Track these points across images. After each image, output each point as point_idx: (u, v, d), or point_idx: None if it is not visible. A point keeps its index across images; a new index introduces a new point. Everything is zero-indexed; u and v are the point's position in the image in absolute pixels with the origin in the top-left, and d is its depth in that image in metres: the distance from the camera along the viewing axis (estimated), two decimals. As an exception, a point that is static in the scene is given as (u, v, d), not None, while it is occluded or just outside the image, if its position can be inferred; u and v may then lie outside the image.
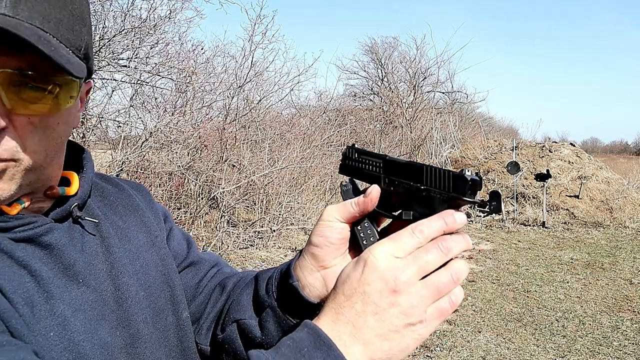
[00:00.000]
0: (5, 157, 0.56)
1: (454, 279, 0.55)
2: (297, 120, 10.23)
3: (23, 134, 0.57)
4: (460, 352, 4.42)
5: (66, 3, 0.58)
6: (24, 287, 0.57)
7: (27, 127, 0.57)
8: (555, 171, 11.66)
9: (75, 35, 0.59)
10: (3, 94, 0.54)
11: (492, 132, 22.30)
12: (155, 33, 6.41)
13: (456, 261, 0.57)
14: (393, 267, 0.54)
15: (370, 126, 14.85)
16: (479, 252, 8.30)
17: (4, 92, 0.54)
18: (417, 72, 18.38)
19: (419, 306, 0.54)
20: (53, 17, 0.56)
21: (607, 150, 62.10)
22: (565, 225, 10.28)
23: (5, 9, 0.52)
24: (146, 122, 6.64)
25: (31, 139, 0.58)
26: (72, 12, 0.59)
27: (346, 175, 0.75)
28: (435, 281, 0.55)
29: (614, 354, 4.40)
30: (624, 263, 7.51)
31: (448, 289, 0.55)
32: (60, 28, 0.57)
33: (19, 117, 0.56)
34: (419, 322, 0.54)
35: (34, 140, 0.58)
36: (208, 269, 0.91)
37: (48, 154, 0.61)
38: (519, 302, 5.79)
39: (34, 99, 0.57)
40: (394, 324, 0.53)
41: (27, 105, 0.56)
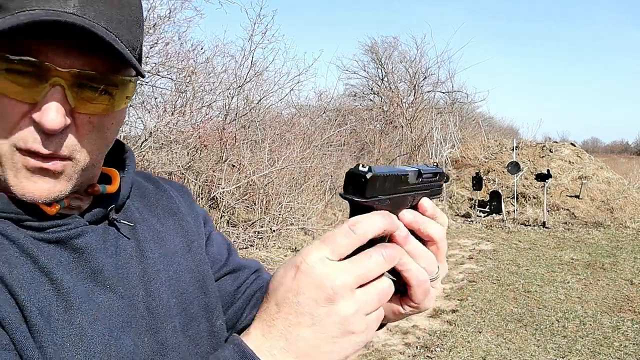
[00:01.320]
0: (66, 154, 0.57)
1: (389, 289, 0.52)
2: (297, 120, 10.22)
3: (82, 133, 0.59)
4: (461, 353, 4.41)
5: (125, 5, 0.60)
6: (41, 295, 0.57)
7: (87, 127, 0.59)
8: (555, 171, 11.65)
9: (132, 37, 0.61)
10: (68, 93, 0.56)
11: (493, 132, 22.29)
12: (155, 32, 6.40)
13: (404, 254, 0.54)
14: (328, 272, 0.48)
15: (370, 126, 14.85)
16: (479, 253, 8.29)
17: (69, 91, 0.56)
18: (417, 72, 18.37)
19: (358, 315, 0.49)
20: (115, 18, 0.58)
21: (607, 150, 62.11)
22: (565, 226, 10.27)
23: (74, 9, 0.54)
24: (146, 122, 6.63)
25: (89, 138, 0.60)
26: (130, 13, 0.61)
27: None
28: (378, 288, 0.50)
29: (614, 354, 4.39)
30: (625, 263, 7.50)
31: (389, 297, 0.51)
32: (121, 29, 0.58)
33: (80, 115, 0.58)
34: (360, 332, 0.50)
35: (90, 140, 0.60)
36: (248, 275, 0.89)
37: (100, 154, 0.63)
38: (520, 302, 5.78)
39: (94, 99, 0.58)
40: (331, 334, 0.49)
41: (88, 105, 0.58)
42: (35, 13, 0.52)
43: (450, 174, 12.80)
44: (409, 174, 0.60)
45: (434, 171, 0.67)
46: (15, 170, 0.57)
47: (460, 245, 8.87)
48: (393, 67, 19.66)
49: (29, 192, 0.58)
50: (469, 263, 7.67)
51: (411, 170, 0.61)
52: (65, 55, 0.55)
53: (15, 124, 0.56)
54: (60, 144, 0.57)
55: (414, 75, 18.42)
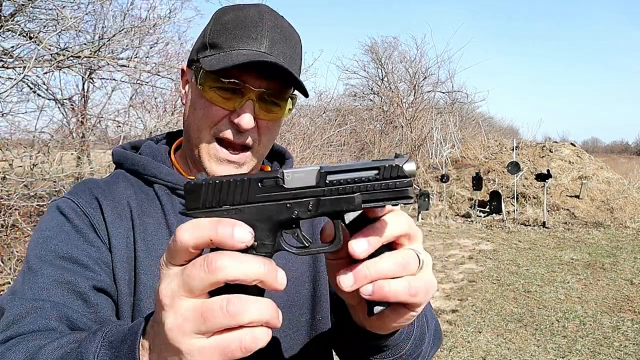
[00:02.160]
0: (250, 144, 0.87)
1: (227, 312, 0.44)
2: (297, 120, 10.21)
3: (261, 133, 0.87)
4: (461, 353, 4.41)
5: (292, 44, 0.88)
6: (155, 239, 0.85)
7: (264, 129, 0.87)
8: (555, 171, 11.65)
9: (297, 67, 0.90)
10: (256, 106, 0.84)
11: (493, 132, 22.29)
12: (155, 32, 6.40)
13: (243, 297, 0.45)
14: (162, 278, 0.48)
15: (370, 126, 14.84)
16: (479, 253, 8.29)
17: (256, 104, 0.84)
18: (417, 72, 18.36)
19: (179, 330, 0.45)
20: (289, 54, 0.86)
21: (607, 150, 62.10)
22: (565, 226, 10.26)
23: (266, 49, 0.83)
24: (146, 122, 6.63)
25: (264, 137, 0.88)
26: (295, 51, 0.89)
27: None
28: (203, 305, 0.45)
29: (614, 354, 4.38)
30: (625, 263, 7.50)
31: (216, 321, 0.44)
32: (292, 63, 0.87)
33: (260, 121, 0.86)
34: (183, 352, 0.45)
35: (265, 138, 0.89)
36: None
37: (268, 149, 0.93)
38: (520, 302, 5.77)
39: (270, 110, 0.86)
40: (160, 346, 0.48)
41: (266, 114, 0.86)
42: (247, 54, 0.81)
43: (450, 174, 12.79)
44: (284, 177, 0.49)
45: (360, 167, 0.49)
46: (208, 157, 0.87)
47: (460, 245, 8.87)
48: (393, 67, 19.66)
49: (216, 173, 0.86)
50: (469, 263, 7.66)
51: (294, 172, 0.49)
52: (255, 79, 0.83)
53: (217, 122, 0.85)
54: (246, 138, 0.86)
55: (414, 75, 18.41)
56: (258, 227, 0.49)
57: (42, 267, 0.77)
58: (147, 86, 6.61)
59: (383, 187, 0.48)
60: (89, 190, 0.88)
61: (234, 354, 0.45)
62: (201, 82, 0.84)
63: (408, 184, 0.48)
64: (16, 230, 5.10)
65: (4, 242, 4.98)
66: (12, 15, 4.96)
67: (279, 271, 0.47)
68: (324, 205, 0.49)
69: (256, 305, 0.45)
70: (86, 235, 0.83)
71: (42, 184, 4.91)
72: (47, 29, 5.24)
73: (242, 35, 0.83)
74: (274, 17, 0.87)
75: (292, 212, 0.49)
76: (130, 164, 0.93)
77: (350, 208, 0.49)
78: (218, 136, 0.85)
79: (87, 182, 0.91)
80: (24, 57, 5.23)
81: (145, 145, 0.98)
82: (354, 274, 0.50)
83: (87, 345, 0.55)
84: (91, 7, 5.50)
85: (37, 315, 0.70)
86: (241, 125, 0.82)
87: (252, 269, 0.45)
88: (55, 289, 0.75)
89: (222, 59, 0.81)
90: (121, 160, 0.95)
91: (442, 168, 13.08)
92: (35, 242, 0.81)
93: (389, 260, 0.50)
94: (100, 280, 0.79)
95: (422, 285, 0.52)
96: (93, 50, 5.57)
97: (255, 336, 0.45)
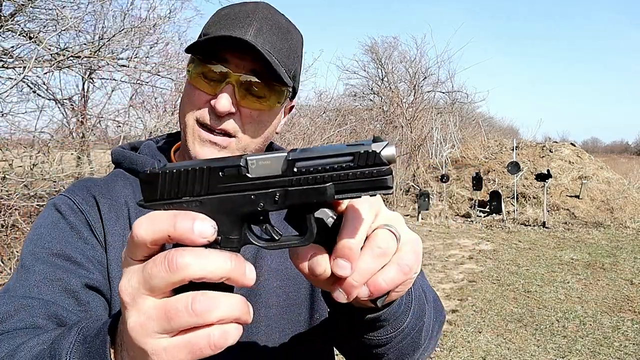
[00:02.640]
0: (231, 132, 0.85)
1: (192, 311, 0.41)
2: (297, 120, 10.21)
3: (245, 121, 0.86)
4: (461, 353, 4.41)
5: (286, 39, 0.87)
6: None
7: (248, 117, 0.86)
8: (555, 171, 11.65)
9: (288, 61, 0.87)
10: (236, 91, 0.82)
11: (493, 132, 22.29)
12: (155, 32, 6.41)
13: (209, 294, 0.42)
14: (123, 274, 0.45)
15: (370, 126, 14.84)
16: (479, 253, 8.29)
17: (237, 89, 0.82)
18: (417, 72, 18.36)
19: (142, 329, 0.43)
20: (277, 46, 0.84)
21: (607, 150, 62.12)
22: (565, 226, 10.26)
23: (250, 36, 0.81)
24: (146, 122, 6.63)
25: (249, 126, 0.86)
26: (290, 46, 0.87)
27: None
28: (167, 304, 0.42)
29: (614, 354, 4.38)
30: (625, 263, 7.50)
31: (182, 320, 0.42)
32: (281, 54, 0.84)
33: (243, 108, 0.85)
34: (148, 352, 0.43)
35: (251, 128, 0.87)
36: None
37: (257, 143, 0.89)
38: (520, 302, 5.77)
39: (254, 98, 0.84)
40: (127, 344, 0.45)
41: (249, 102, 0.84)
42: (222, 36, 0.80)
43: (450, 174, 12.79)
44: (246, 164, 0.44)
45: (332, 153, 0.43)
46: (193, 139, 0.86)
47: (460, 245, 8.87)
48: (393, 67, 19.66)
49: (199, 155, 0.85)
50: (469, 263, 7.66)
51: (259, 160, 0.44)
52: (237, 65, 0.82)
53: (200, 107, 0.85)
54: (223, 123, 0.84)
55: (414, 75, 18.41)
56: (221, 220, 0.44)
57: (35, 265, 0.77)
58: (147, 86, 6.62)
59: (358, 176, 0.42)
60: (87, 188, 0.89)
61: (203, 352, 0.42)
62: (189, 70, 0.87)
63: (387, 171, 0.42)
64: (16, 230, 5.10)
65: (4, 242, 4.98)
66: (12, 15, 4.96)
67: (247, 266, 0.44)
68: (292, 196, 0.44)
69: (224, 302, 0.42)
70: (81, 233, 0.83)
71: (42, 184, 4.91)
72: (47, 29, 5.24)
73: (230, 24, 0.84)
74: (269, 12, 0.87)
75: (257, 204, 0.44)
76: (129, 163, 0.94)
77: (322, 199, 0.43)
78: (199, 120, 0.86)
79: (85, 181, 0.92)
80: (24, 57, 5.23)
81: (144, 145, 0.99)
82: (343, 289, 0.48)
83: (61, 341, 0.54)
84: (91, 7, 5.50)
85: (25, 313, 0.70)
86: (216, 108, 0.82)
87: (217, 267, 0.42)
88: (46, 286, 0.75)
89: (201, 42, 0.82)
90: (120, 159, 0.96)
91: (442, 168, 13.07)
92: (29, 239, 0.82)
93: (369, 257, 0.47)
94: (93, 278, 0.79)
95: (410, 257, 0.50)
96: (93, 50, 5.57)
97: (224, 332, 0.42)
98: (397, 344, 0.66)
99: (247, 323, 0.45)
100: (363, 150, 0.42)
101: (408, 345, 0.68)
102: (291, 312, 0.88)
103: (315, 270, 0.47)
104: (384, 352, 0.67)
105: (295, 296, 0.89)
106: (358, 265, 0.46)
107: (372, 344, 0.65)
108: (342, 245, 0.46)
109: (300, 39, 0.92)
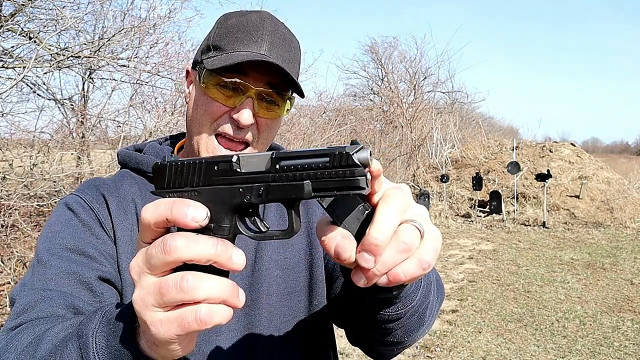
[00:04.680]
0: (249, 140, 0.91)
1: (179, 288, 0.46)
2: (297, 120, 10.21)
3: (260, 130, 0.92)
4: (461, 353, 4.41)
5: (291, 49, 0.93)
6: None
7: (263, 126, 0.92)
8: (555, 171, 11.65)
9: (295, 70, 0.93)
10: (255, 103, 0.89)
11: (493, 132, 22.29)
12: (155, 32, 6.40)
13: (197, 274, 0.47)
14: (136, 254, 0.51)
15: (370, 126, 14.83)
16: (479, 253, 8.29)
17: (256, 102, 0.89)
18: (417, 72, 18.36)
19: (142, 302, 0.49)
20: (287, 57, 0.91)
21: (607, 150, 62.13)
22: (565, 226, 10.26)
23: (265, 51, 0.88)
24: (146, 122, 6.63)
25: (263, 134, 0.93)
26: (294, 54, 0.94)
27: None
28: (162, 281, 0.48)
29: (614, 354, 4.38)
30: (625, 263, 7.50)
31: (171, 295, 0.47)
32: (290, 65, 0.91)
33: (260, 119, 0.91)
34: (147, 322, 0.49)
35: (264, 135, 0.93)
36: None
37: (266, 147, 0.97)
38: (520, 302, 5.77)
39: (269, 108, 0.91)
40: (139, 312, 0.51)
41: (266, 112, 0.91)
42: (245, 54, 0.86)
43: (450, 174, 12.79)
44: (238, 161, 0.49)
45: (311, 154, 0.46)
46: (207, 152, 0.91)
47: (460, 245, 8.87)
48: (393, 67, 19.67)
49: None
50: (469, 263, 7.66)
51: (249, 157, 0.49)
52: (255, 78, 0.88)
53: (217, 118, 0.90)
54: (245, 134, 0.90)
55: (414, 75, 18.42)
56: (214, 210, 0.49)
57: (50, 259, 0.81)
58: (147, 86, 6.61)
59: (333, 176, 0.45)
60: (96, 187, 0.94)
61: (191, 325, 0.47)
62: (204, 81, 0.90)
63: (359, 173, 0.45)
64: (16, 230, 5.09)
65: (4, 242, 4.98)
66: (12, 15, 4.96)
67: (234, 252, 0.48)
68: (274, 191, 0.48)
69: (210, 283, 0.47)
70: (92, 229, 0.88)
71: (42, 184, 4.90)
72: (47, 29, 5.24)
73: (244, 38, 0.88)
74: (274, 23, 0.92)
75: (244, 197, 0.49)
76: (135, 163, 0.99)
77: (299, 196, 0.47)
78: (217, 131, 0.90)
79: (93, 180, 0.97)
80: (24, 57, 5.23)
81: (148, 146, 1.04)
82: (364, 275, 0.51)
83: (87, 324, 0.58)
84: (91, 7, 5.50)
85: (45, 304, 0.74)
86: (240, 121, 0.87)
87: (204, 250, 0.47)
88: (63, 279, 0.79)
89: (224, 59, 0.87)
90: (126, 160, 1.01)
91: (442, 168, 13.07)
92: (44, 236, 0.86)
93: (394, 250, 0.49)
94: (105, 271, 0.84)
95: (431, 254, 0.52)
96: (93, 50, 5.57)
97: (211, 310, 0.47)
98: (406, 321, 0.70)
99: (237, 307, 0.49)
100: (338, 151, 0.45)
101: (415, 322, 0.72)
102: (291, 299, 0.94)
103: (341, 255, 0.49)
104: (393, 328, 0.71)
105: (294, 285, 0.95)
106: (382, 257, 0.49)
107: (383, 319, 0.69)
108: (370, 240, 0.48)
109: (298, 45, 0.98)
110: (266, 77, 0.89)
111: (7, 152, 5.26)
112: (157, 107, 6.74)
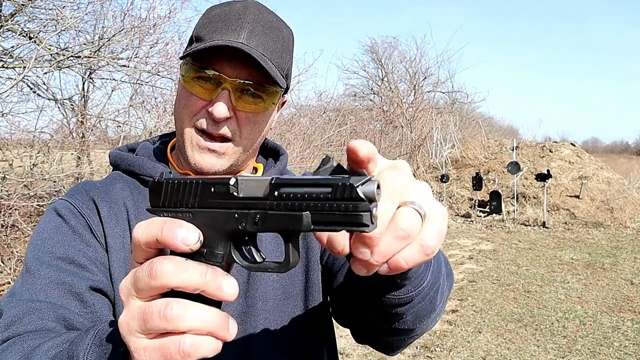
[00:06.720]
0: (229, 136, 0.86)
1: (163, 316, 0.43)
2: (297, 120, 10.21)
3: (241, 124, 0.87)
4: (461, 353, 4.41)
5: (278, 38, 0.87)
6: None
7: (244, 120, 0.87)
8: (555, 171, 11.65)
9: (281, 60, 0.87)
10: (232, 95, 0.83)
11: (493, 132, 22.29)
12: (155, 32, 6.40)
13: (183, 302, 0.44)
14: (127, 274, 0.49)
15: (370, 126, 14.84)
16: (479, 253, 8.29)
17: (232, 93, 0.83)
18: (417, 72, 18.37)
19: (127, 327, 0.46)
20: (270, 47, 0.85)
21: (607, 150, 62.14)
22: (565, 226, 10.26)
23: (243, 39, 0.82)
24: (146, 122, 6.63)
25: (245, 128, 0.87)
26: (282, 45, 0.88)
27: None
28: (146, 307, 0.45)
29: (614, 354, 4.38)
30: (625, 263, 7.50)
31: (154, 323, 0.44)
32: (274, 54, 0.85)
33: (239, 112, 0.86)
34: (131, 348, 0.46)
35: (247, 130, 0.88)
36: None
37: (253, 143, 0.91)
38: (520, 302, 5.77)
39: (250, 101, 0.86)
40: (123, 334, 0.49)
41: (245, 105, 0.85)
42: (219, 42, 0.80)
43: (450, 174, 12.79)
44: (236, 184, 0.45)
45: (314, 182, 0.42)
46: (191, 147, 0.87)
47: (460, 245, 8.87)
48: (393, 67, 19.67)
49: (198, 163, 0.87)
50: (469, 263, 7.66)
51: (248, 181, 0.45)
52: (232, 69, 0.83)
53: (196, 112, 0.86)
54: (221, 128, 0.85)
55: (414, 75, 18.42)
56: (208, 234, 0.46)
57: (40, 269, 0.78)
58: (147, 86, 6.62)
59: (334, 209, 0.40)
60: (86, 191, 0.90)
61: (173, 356, 0.44)
62: (183, 74, 0.87)
63: (363, 208, 0.40)
64: (16, 230, 5.10)
65: (4, 242, 4.98)
66: (12, 15, 4.96)
67: (224, 281, 0.45)
68: (270, 220, 0.44)
69: (196, 313, 0.44)
70: (83, 236, 0.84)
71: (42, 184, 4.91)
72: (47, 29, 5.24)
73: (222, 27, 0.84)
74: (259, 11, 0.87)
75: (239, 223, 0.45)
76: (127, 164, 0.95)
77: (297, 228, 0.42)
78: (197, 127, 0.86)
79: (83, 184, 0.93)
80: (24, 57, 5.23)
81: (141, 146, 1.00)
82: (363, 265, 0.47)
83: (79, 343, 0.56)
84: (91, 7, 5.50)
85: (34, 317, 0.71)
86: (214, 115, 0.83)
87: (192, 278, 0.44)
88: (52, 290, 0.76)
89: (193, 48, 0.83)
90: (117, 161, 0.97)
91: (442, 168, 13.08)
92: (33, 244, 0.83)
93: (391, 238, 0.45)
94: (97, 280, 0.81)
95: (434, 238, 0.47)
96: (93, 50, 5.57)
97: (195, 342, 0.44)
98: (416, 305, 0.65)
99: (226, 340, 0.46)
100: (341, 182, 0.40)
101: (426, 307, 0.67)
102: (287, 304, 0.92)
103: (334, 247, 0.45)
104: (403, 313, 0.66)
105: (290, 289, 0.93)
106: (379, 246, 0.45)
107: (393, 303, 0.64)
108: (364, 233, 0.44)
109: (290, 35, 0.92)
110: (244, 68, 0.83)
111: (7, 152, 5.26)
112: (157, 107, 6.74)
